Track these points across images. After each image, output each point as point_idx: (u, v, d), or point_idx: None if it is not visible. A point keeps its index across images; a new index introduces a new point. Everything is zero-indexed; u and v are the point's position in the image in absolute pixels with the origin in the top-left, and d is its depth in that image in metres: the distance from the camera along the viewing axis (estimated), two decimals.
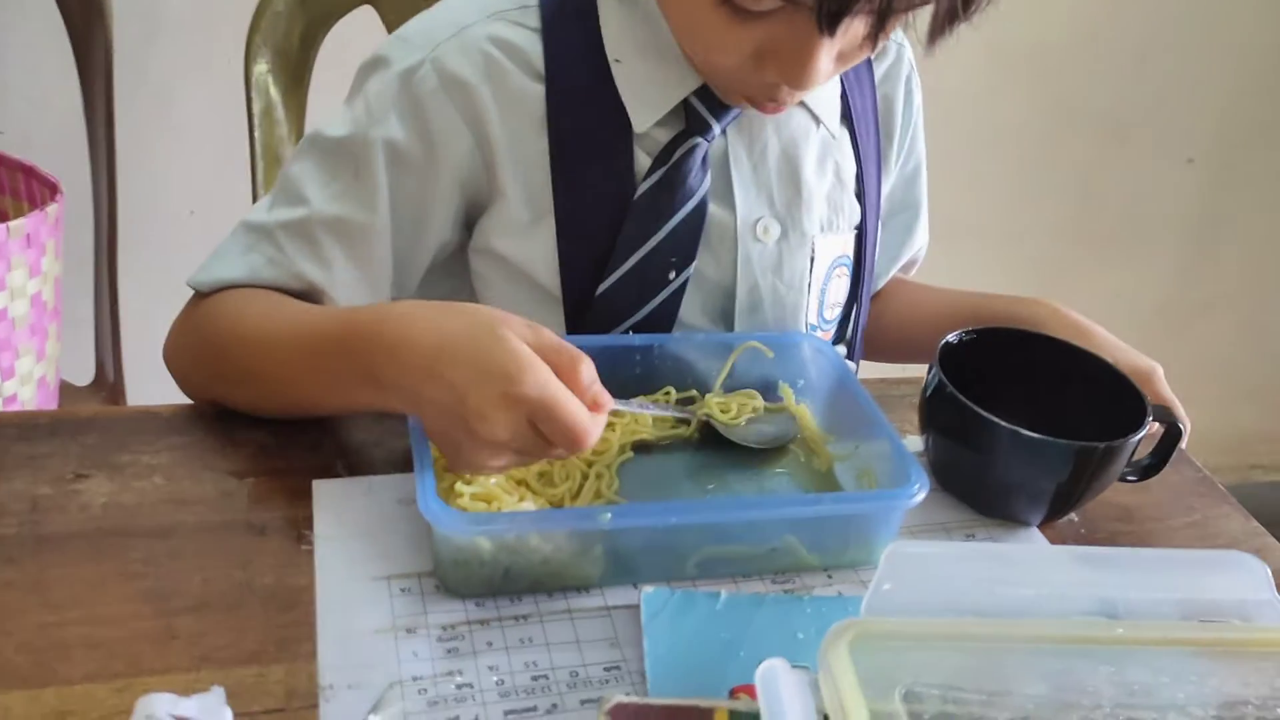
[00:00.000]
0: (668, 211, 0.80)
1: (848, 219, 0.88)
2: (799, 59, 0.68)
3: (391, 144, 0.77)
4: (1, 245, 1.12)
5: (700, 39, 0.73)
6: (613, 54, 0.79)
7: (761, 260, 0.84)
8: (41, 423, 0.72)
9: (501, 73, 0.78)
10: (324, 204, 0.77)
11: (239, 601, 0.61)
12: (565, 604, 0.64)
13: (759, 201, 0.83)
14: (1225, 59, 1.91)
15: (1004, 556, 0.64)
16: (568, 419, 0.59)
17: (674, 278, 0.81)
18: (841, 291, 0.91)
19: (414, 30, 0.80)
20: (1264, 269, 2.17)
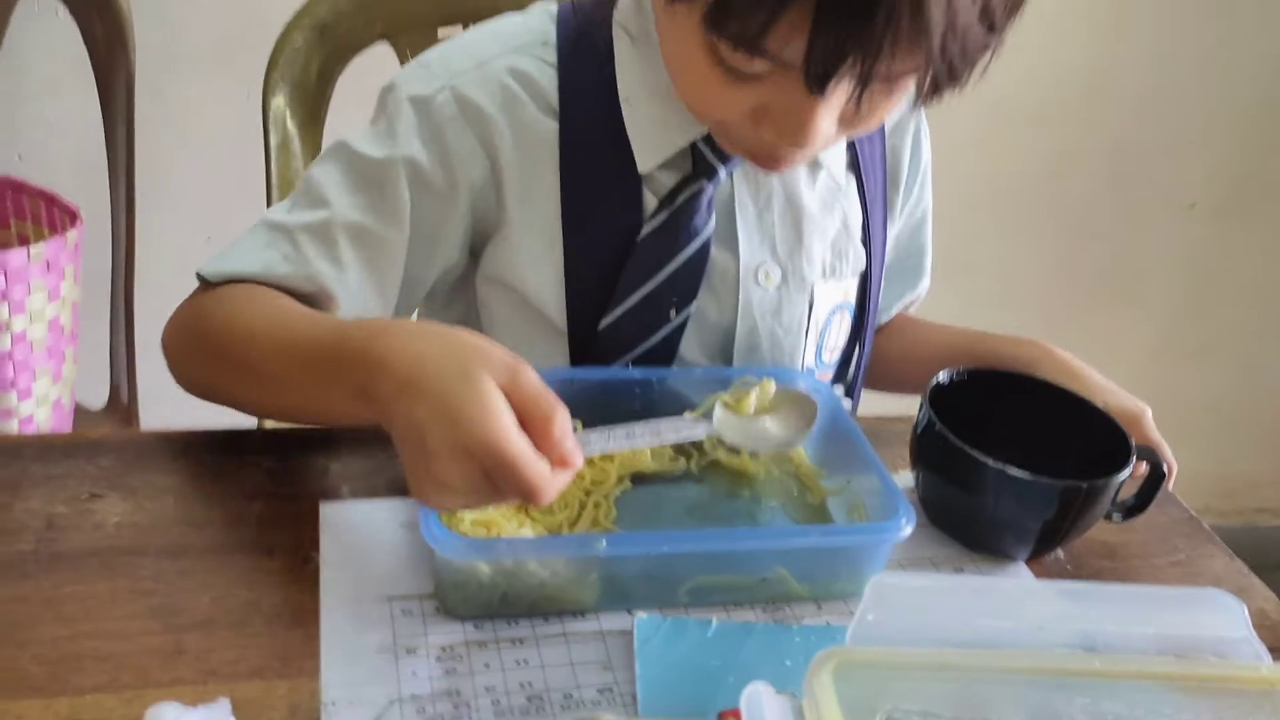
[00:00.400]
0: (670, 253, 0.81)
1: (852, 265, 0.90)
2: (796, 120, 0.68)
3: (414, 164, 0.79)
4: (22, 270, 1.15)
5: (699, 96, 0.73)
6: (624, 94, 0.80)
7: (762, 304, 0.86)
8: (58, 444, 0.74)
9: (518, 105, 0.80)
10: (346, 210, 0.78)
11: (246, 619, 0.63)
12: (561, 628, 0.65)
13: (762, 247, 0.85)
14: (1224, 107, 1.93)
15: (985, 590, 0.66)
16: (523, 477, 0.56)
17: (674, 316, 0.83)
18: (842, 335, 0.93)
19: (435, 58, 0.82)
20: (1264, 314, 2.19)
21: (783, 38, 0.62)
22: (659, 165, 0.81)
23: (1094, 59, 1.81)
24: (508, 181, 0.81)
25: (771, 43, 0.62)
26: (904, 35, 0.60)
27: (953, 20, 0.61)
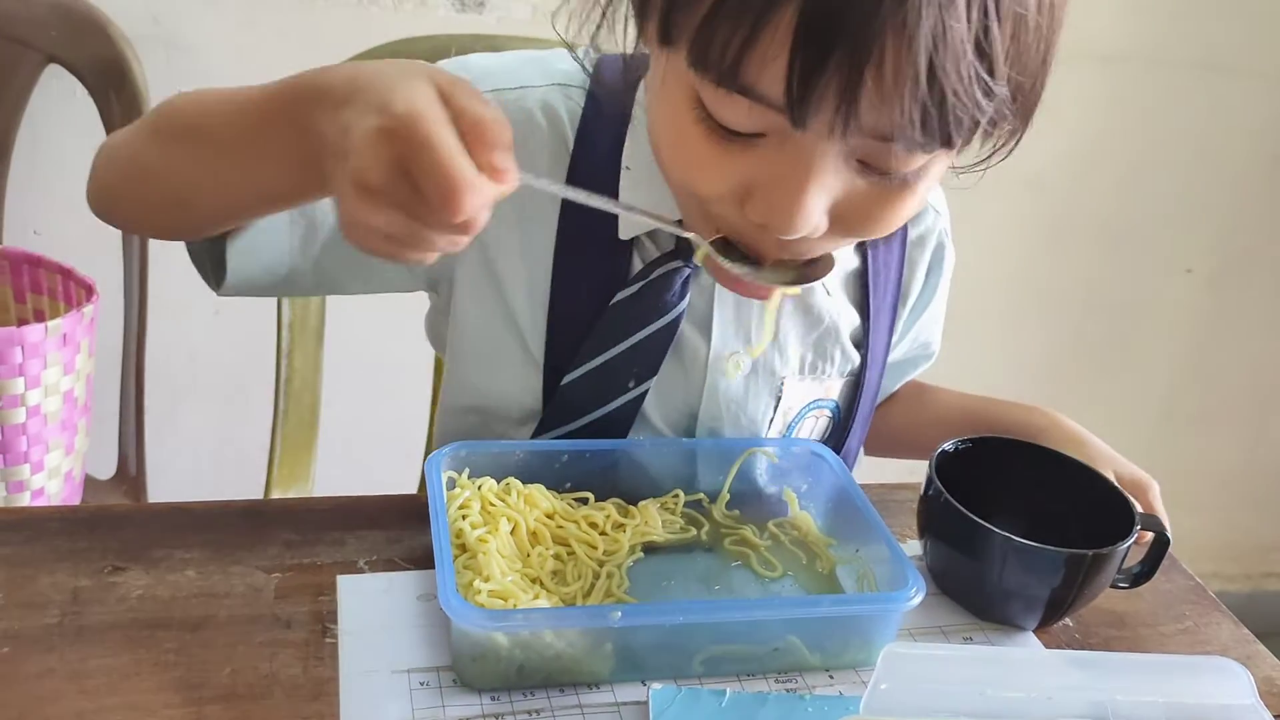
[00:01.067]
0: (638, 324, 0.81)
1: (838, 366, 0.89)
2: (784, 194, 0.63)
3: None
4: (39, 344, 1.17)
5: (688, 165, 0.68)
6: (626, 160, 0.80)
7: (728, 392, 0.85)
8: (82, 517, 0.75)
9: (537, 136, 0.80)
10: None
11: (266, 691, 0.64)
12: (576, 699, 0.66)
13: (735, 337, 0.84)
14: (1216, 176, 1.97)
15: (997, 659, 0.67)
16: (442, 165, 0.52)
17: (633, 387, 0.83)
18: (817, 432, 0.92)
19: (478, 65, 0.82)
20: (1266, 377, 2.21)
21: (761, 60, 0.58)
22: (645, 236, 0.81)
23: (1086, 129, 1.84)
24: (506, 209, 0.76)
25: (750, 68, 0.58)
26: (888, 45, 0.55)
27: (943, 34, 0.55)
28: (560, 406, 0.83)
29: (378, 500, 0.81)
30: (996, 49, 0.57)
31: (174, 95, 0.73)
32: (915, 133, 0.58)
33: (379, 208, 0.55)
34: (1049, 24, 0.61)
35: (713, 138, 0.64)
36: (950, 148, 0.61)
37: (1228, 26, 1.83)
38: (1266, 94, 1.91)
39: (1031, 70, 0.61)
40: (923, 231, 0.92)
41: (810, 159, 0.62)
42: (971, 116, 0.58)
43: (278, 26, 1.48)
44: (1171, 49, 1.83)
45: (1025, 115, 0.64)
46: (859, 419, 0.93)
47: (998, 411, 0.97)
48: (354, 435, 1.57)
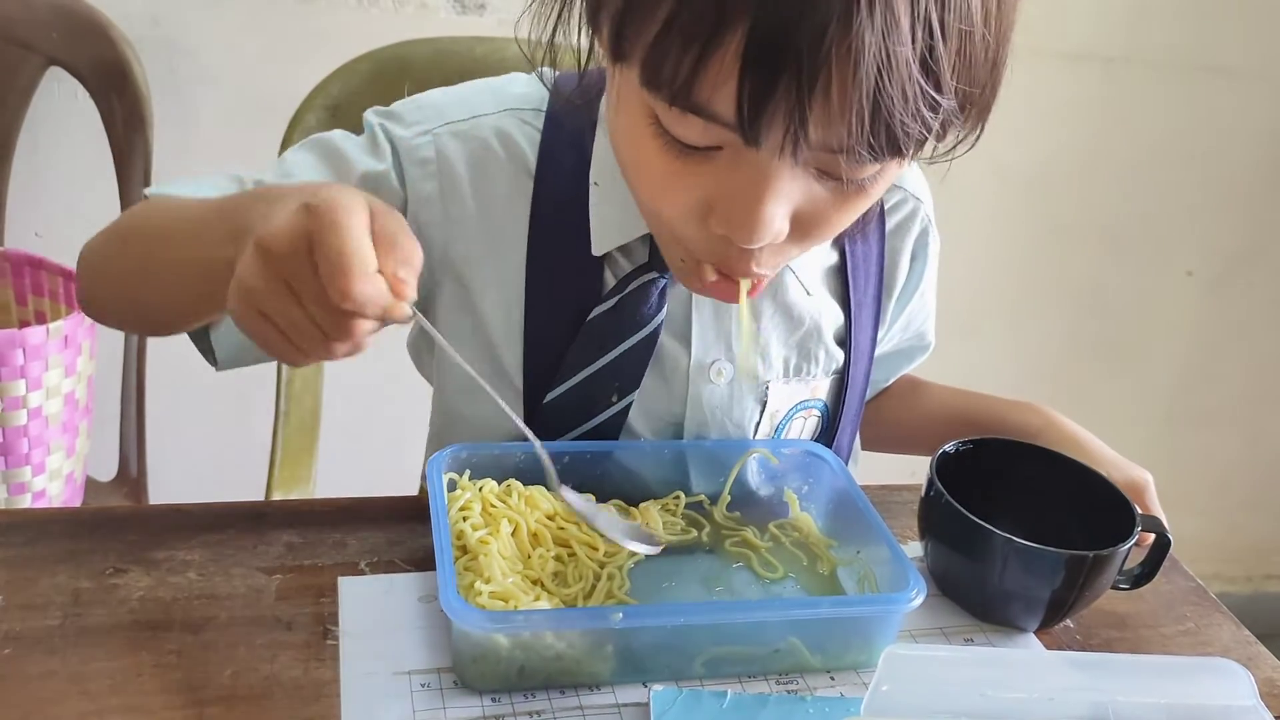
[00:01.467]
0: (617, 338, 0.81)
1: (823, 366, 0.89)
2: (745, 206, 0.63)
3: (375, 178, 0.79)
4: (41, 346, 1.17)
5: (648, 184, 0.68)
6: (594, 176, 0.80)
7: (711, 399, 0.85)
8: (83, 519, 0.75)
9: (492, 165, 0.80)
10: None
11: (266, 693, 0.64)
12: (577, 701, 0.66)
13: (716, 344, 0.84)
14: (1216, 178, 1.97)
15: (997, 660, 0.67)
16: (344, 244, 0.54)
17: (616, 401, 0.83)
18: (806, 432, 0.92)
19: (432, 100, 0.83)
20: (1266, 379, 2.21)
21: (712, 82, 0.58)
22: (616, 249, 0.81)
23: (1087, 130, 1.85)
24: (469, 238, 0.81)
25: (702, 89, 0.58)
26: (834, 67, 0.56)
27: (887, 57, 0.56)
28: (544, 425, 0.83)
29: (379, 502, 0.81)
30: (943, 66, 0.58)
31: (139, 205, 0.77)
32: (863, 149, 0.59)
33: (269, 274, 0.56)
34: (996, 32, 0.60)
35: (670, 152, 0.64)
36: (900, 158, 0.61)
37: (1229, 28, 1.83)
38: (1267, 96, 1.92)
39: (980, 80, 0.61)
40: (902, 219, 0.91)
41: (767, 170, 0.62)
42: (919, 131, 0.59)
43: (278, 29, 1.49)
44: (1173, 51, 1.83)
45: (979, 116, 0.65)
46: (847, 416, 0.93)
47: (992, 409, 0.96)
48: (355, 437, 1.57)
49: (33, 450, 1.23)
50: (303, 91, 1.14)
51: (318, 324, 0.56)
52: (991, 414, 0.95)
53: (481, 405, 0.81)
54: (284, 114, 1.14)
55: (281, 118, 1.14)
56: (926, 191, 0.94)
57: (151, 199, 0.77)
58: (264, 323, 0.58)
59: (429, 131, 0.80)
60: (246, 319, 0.58)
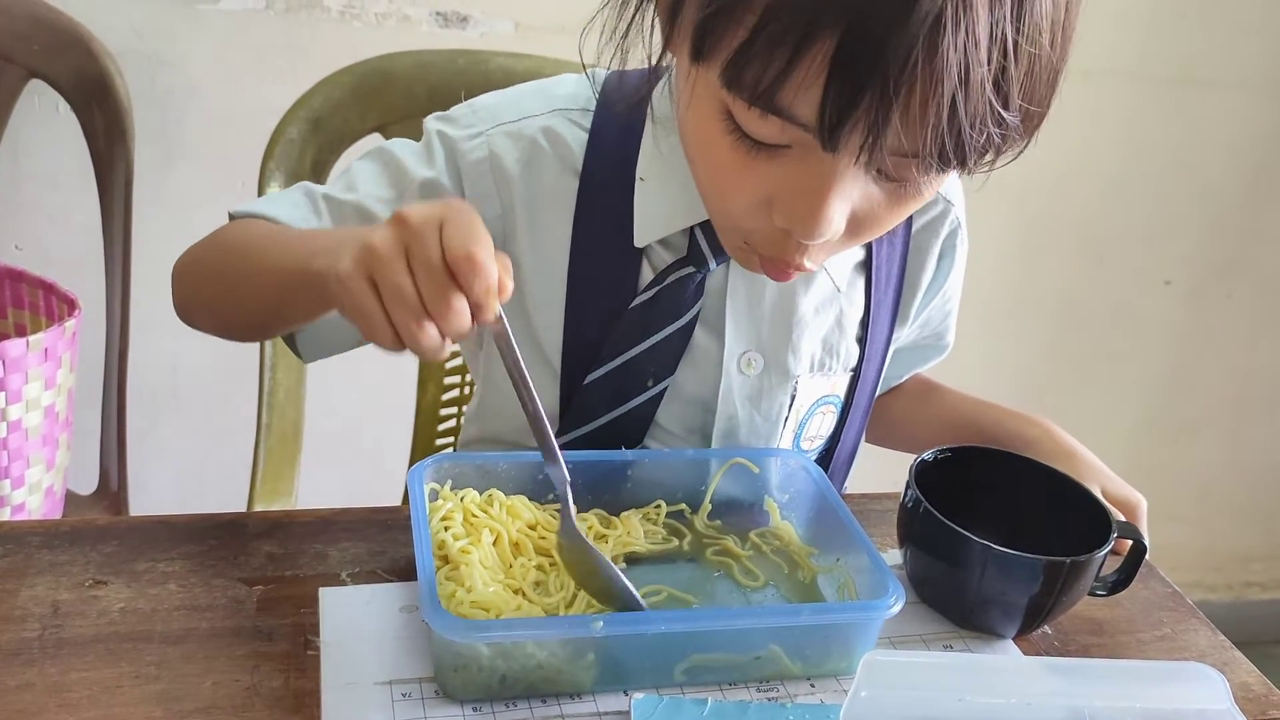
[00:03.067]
0: (653, 328, 0.85)
1: (843, 362, 0.91)
2: (807, 205, 0.66)
3: (431, 185, 0.84)
4: (20, 359, 1.17)
5: (715, 176, 0.72)
6: (641, 172, 0.84)
7: (742, 390, 0.87)
8: (63, 531, 0.75)
9: (541, 164, 0.84)
10: (367, 199, 0.84)
11: (248, 704, 0.64)
12: (559, 709, 0.66)
13: (748, 336, 0.87)
14: (1194, 189, 1.99)
15: (975, 666, 0.67)
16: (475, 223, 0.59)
17: (651, 386, 0.86)
18: (825, 427, 0.94)
19: (488, 104, 0.87)
20: (1244, 389, 2.22)
21: (796, 87, 0.60)
22: (656, 242, 0.84)
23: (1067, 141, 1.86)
24: (519, 233, 0.85)
25: (786, 94, 0.61)
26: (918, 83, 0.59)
27: (966, 75, 0.59)
28: (582, 406, 0.86)
29: (360, 512, 0.81)
30: (1012, 86, 0.61)
31: (229, 224, 0.84)
32: (933, 159, 0.62)
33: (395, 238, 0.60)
34: (1059, 55, 0.64)
35: (740, 148, 0.67)
36: (964, 168, 0.65)
37: (1207, 39, 1.85)
38: (1245, 106, 1.93)
39: (1040, 99, 0.64)
40: (931, 219, 0.94)
41: (834, 171, 0.65)
42: (984, 143, 0.62)
43: (261, 42, 1.49)
44: (1151, 62, 1.85)
45: (1031, 132, 0.68)
46: (856, 413, 0.95)
47: (995, 418, 0.98)
48: (337, 449, 1.57)
49: (12, 463, 1.23)
50: (285, 104, 1.14)
51: (420, 296, 0.59)
52: (994, 423, 0.97)
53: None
54: (266, 127, 1.14)
55: (263, 130, 1.14)
56: (959, 195, 0.96)
57: (238, 220, 0.83)
58: (369, 292, 0.60)
59: (482, 133, 0.84)
60: (355, 286, 0.60)
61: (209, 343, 1.64)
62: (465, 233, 0.59)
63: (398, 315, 0.60)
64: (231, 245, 0.81)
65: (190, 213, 1.55)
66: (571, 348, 0.86)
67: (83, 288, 1.33)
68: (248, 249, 0.79)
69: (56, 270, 1.35)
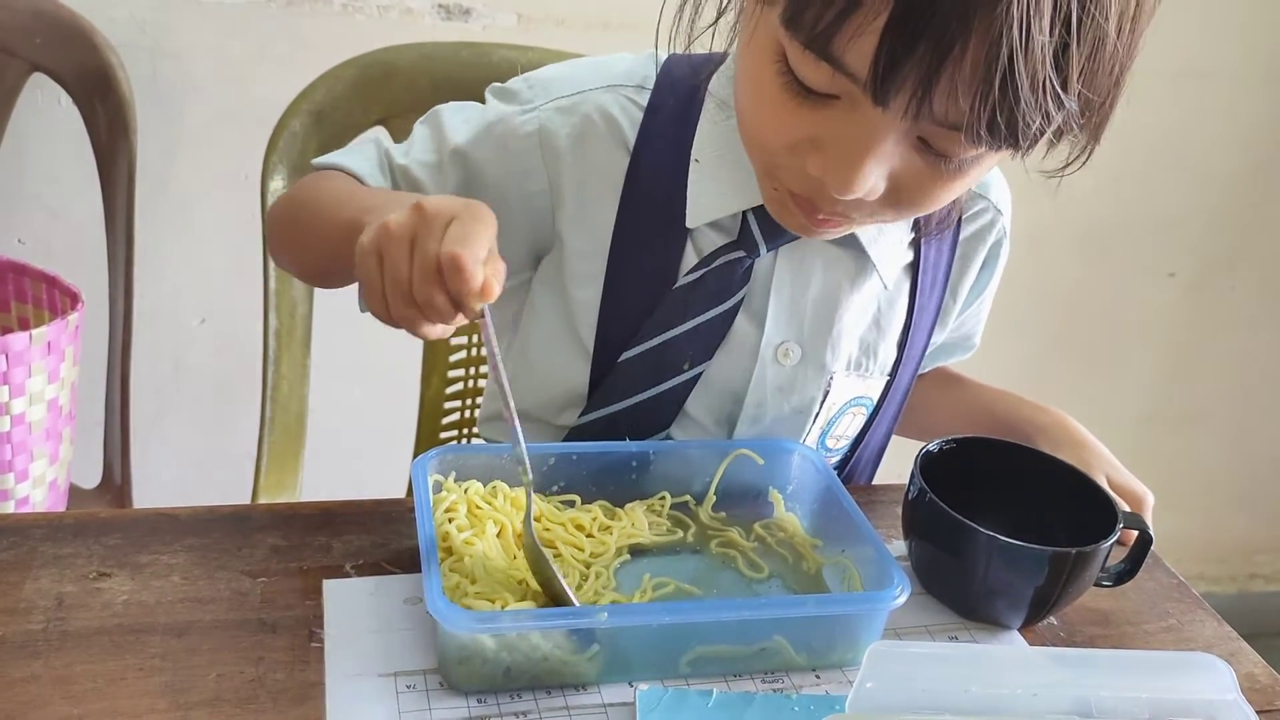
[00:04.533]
0: (696, 310, 0.84)
1: (880, 365, 0.91)
2: (845, 157, 0.66)
3: (460, 154, 0.85)
4: (24, 352, 1.17)
5: (755, 111, 0.71)
6: (695, 153, 0.84)
7: (776, 380, 0.87)
8: (67, 523, 0.75)
9: (593, 140, 0.85)
10: (413, 164, 0.87)
11: (251, 696, 0.64)
12: (563, 701, 0.66)
13: (789, 326, 0.86)
14: (1202, 177, 1.98)
15: (982, 657, 0.67)
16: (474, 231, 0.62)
17: (687, 368, 0.86)
18: (853, 428, 0.94)
19: (542, 78, 0.87)
20: (1248, 381, 2.22)
21: (852, 34, 0.60)
22: (706, 224, 0.84)
23: None
24: (567, 207, 0.86)
25: (840, 40, 0.61)
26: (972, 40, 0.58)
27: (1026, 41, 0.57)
28: (615, 384, 0.87)
29: (364, 505, 0.81)
30: (1072, 65, 0.60)
31: (310, 176, 0.88)
32: (981, 129, 0.61)
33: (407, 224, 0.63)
34: (1126, 48, 0.63)
35: (789, 91, 0.66)
36: (1014, 149, 0.64)
37: (1209, 31, 1.84)
38: (1248, 98, 1.93)
39: (1103, 89, 0.63)
40: (979, 228, 0.93)
41: (876, 129, 0.64)
42: (1039, 124, 0.61)
43: (263, 34, 1.48)
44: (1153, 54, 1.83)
45: (1095, 131, 0.68)
46: (886, 415, 0.95)
47: (1010, 406, 0.98)
48: (340, 442, 1.57)
49: (16, 457, 1.23)
50: (287, 97, 1.14)
51: (411, 284, 0.63)
52: (1009, 410, 0.97)
53: (552, 363, 0.90)
54: (268, 120, 1.14)
55: (266, 123, 1.14)
56: (1008, 204, 0.95)
57: (319, 173, 0.87)
58: (376, 268, 0.64)
59: (535, 108, 0.85)
60: (365, 259, 0.65)
61: (213, 336, 1.65)
62: (463, 234, 0.62)
63: (390, 295, 0.64)
64: (304, 198, 0.85)
65: (193, 206, 1.56)
66: (607, 326, 0.86)
67: (85, 281, 1.32)
68: (317, 202, 0.82)
69: (59, 264, 1.35)
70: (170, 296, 1.60)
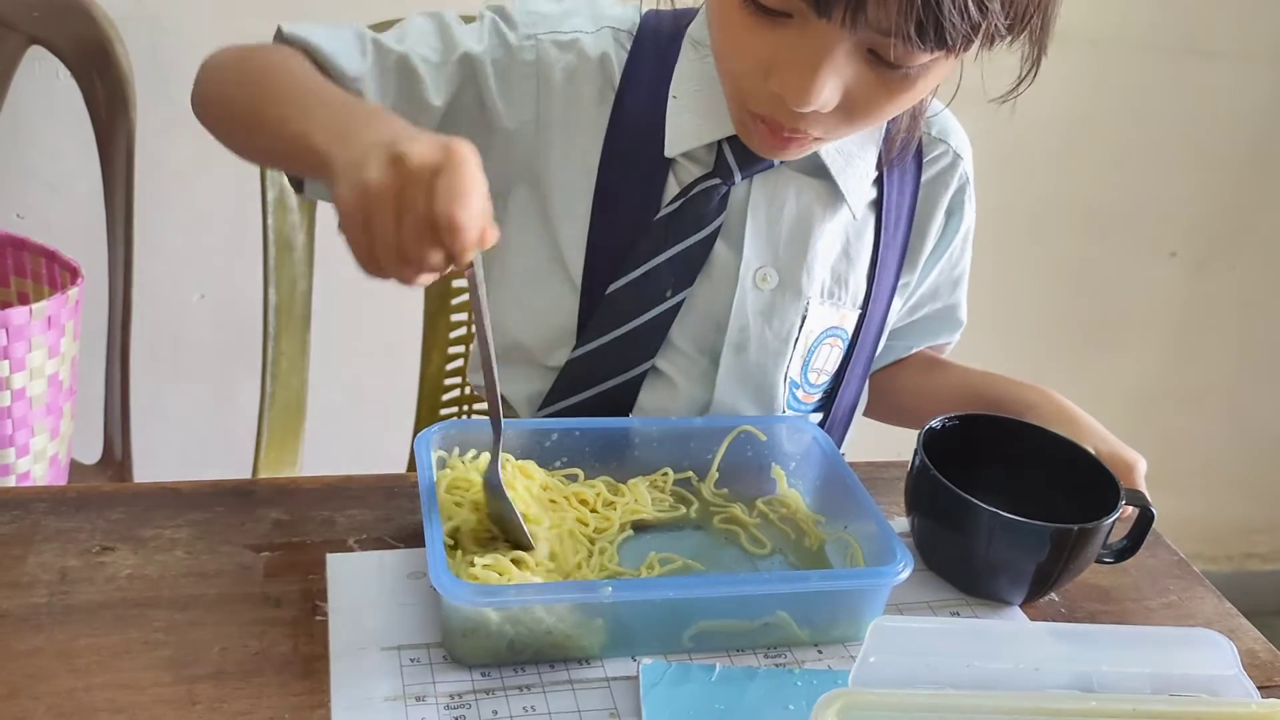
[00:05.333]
0: (677, 237, 0.87)
1: (851, 296, 0.94)
2: (800, 72, 0.71)
3: (476, 64, 0.85)
4: (24, 327, 1.16)
5: (723, 37, 0.78)
6: (674, 90, 0.88)
7: (756, 304, 0.89)
8: (70, 497, 0.75)
9: (584, 78, 0.88)
10: (414, 56, 0.85)
11: (256, 669, 0.64)
12: (567, 675, 0.67)
13: (766, 251, 0.89)
14: (1205, 156, 1.97)
15: (983, 631, 0.67)
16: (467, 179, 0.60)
17: (670, 296, 0.88)
18: (831, 361, 0.95)
19: (539, 10, 0.89)
20: (1248, 360, 2.22)
21: None
22: (683, 155, 0.87)
23: (1072, 111, 1.85)
24: (554, 141, 0.88)
25: None
26: None
27: None
28: (603, 316, 0.89)
29: (367, 479, 0.81)
30: None
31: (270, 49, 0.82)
32: (910, 31, 0.67)
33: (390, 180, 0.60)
34: None
35: (749, 15, 0.72)
36: (945, 50, 0.69)
37: (1214, 10, 1.83)
38: (1252, 78, 1.92)
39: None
40: (940, 170, 0.97)
41: (826, 43, 0.70)
42: (964, 26, 0.67)
43: (262, 7, 1.47)
44: (1158, 32, 1.83)
45: (1036, 38, 0.74)
46: (860, 357, 0.96)
47: (997, 386, 0.99)
48: (341, 417, 1.57)
49: (16, 432, 1.23)
50: None
51: (404, 244, 0.61)
52: (997, 391, 0.97)
53: (538, 301, 0.91)
54: None
55: None
56: (968, 149, 0.99)
57: (281, 48, 0.82)
58: (362, 230, 0.62)
59: (534, 37, 0.87)
60: (348, 221, 0.62)
61: (213, 311, 1.64)
62: (454, 188, 0.60)
63: (382, 256, 0.62)
64: (250, 74, 0.80)
65: (192, 181, 1.55)
66: (594, 259, 0.89)
67: (85, 256, 1.32)
68: (272, 85, 0.77)
69: (58, 238, 1.35)
70: (169, 271, 1.59)
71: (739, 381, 0.91)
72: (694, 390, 0.91)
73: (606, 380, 0.90)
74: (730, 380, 0.90)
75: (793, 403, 0.94)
